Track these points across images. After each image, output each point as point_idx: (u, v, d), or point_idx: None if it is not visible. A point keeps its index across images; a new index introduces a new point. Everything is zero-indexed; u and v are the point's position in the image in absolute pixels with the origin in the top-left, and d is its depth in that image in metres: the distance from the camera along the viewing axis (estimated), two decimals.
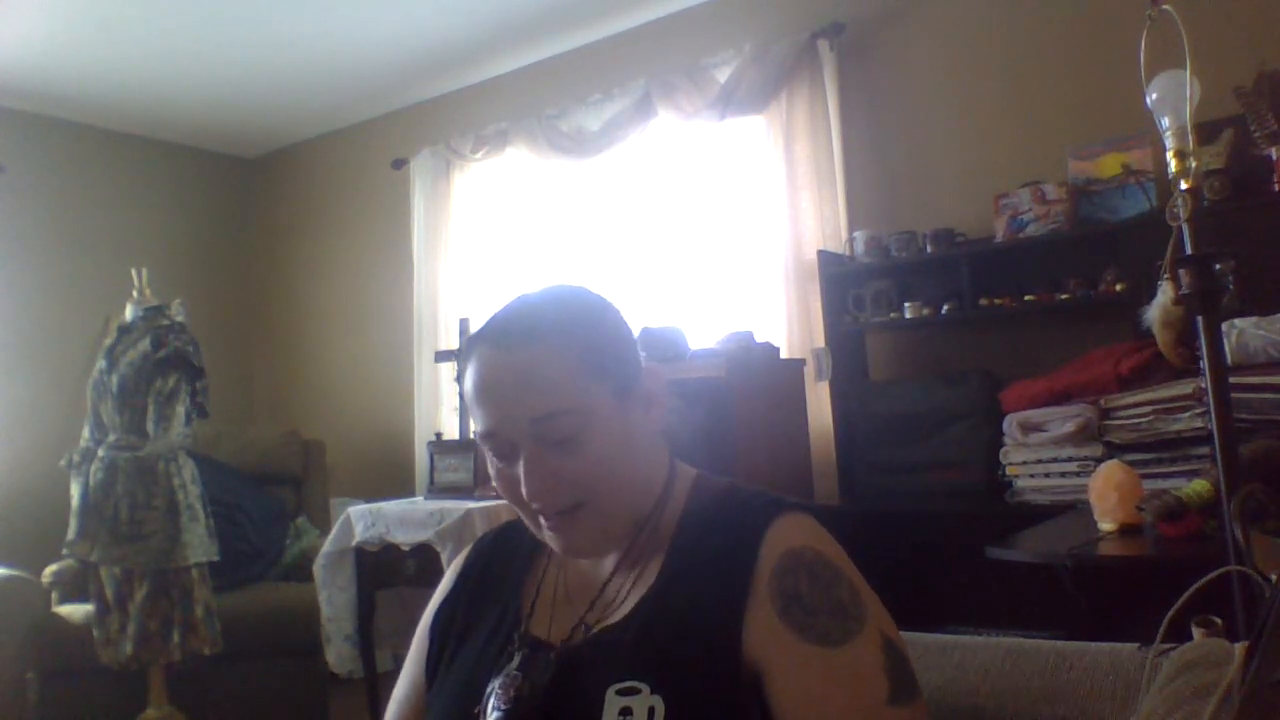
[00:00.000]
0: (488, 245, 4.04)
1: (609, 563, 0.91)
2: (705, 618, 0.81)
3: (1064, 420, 2.36)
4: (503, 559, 1.01)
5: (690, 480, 0.95)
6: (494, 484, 0.89)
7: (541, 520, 0.87)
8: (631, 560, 0.90)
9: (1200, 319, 1.26)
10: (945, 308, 2.73)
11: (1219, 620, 0.88)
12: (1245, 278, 1.30)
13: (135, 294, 3.15)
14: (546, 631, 0.90)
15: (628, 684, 0.78)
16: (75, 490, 2.96)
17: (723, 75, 3.35)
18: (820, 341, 2.96)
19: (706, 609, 0.81)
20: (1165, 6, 1.34)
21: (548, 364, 0.83)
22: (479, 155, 4.00)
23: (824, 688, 0.77)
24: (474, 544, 1.07)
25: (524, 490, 0.84)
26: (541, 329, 0.85)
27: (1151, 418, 2.23)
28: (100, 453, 2.92)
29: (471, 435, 0.81)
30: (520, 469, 0.84)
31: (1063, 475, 2.38)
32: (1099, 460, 2.22)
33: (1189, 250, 1.26)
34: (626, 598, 0.87)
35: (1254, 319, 2.02)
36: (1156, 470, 2.18)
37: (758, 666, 0.79)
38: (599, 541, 0.88)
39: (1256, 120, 2.25)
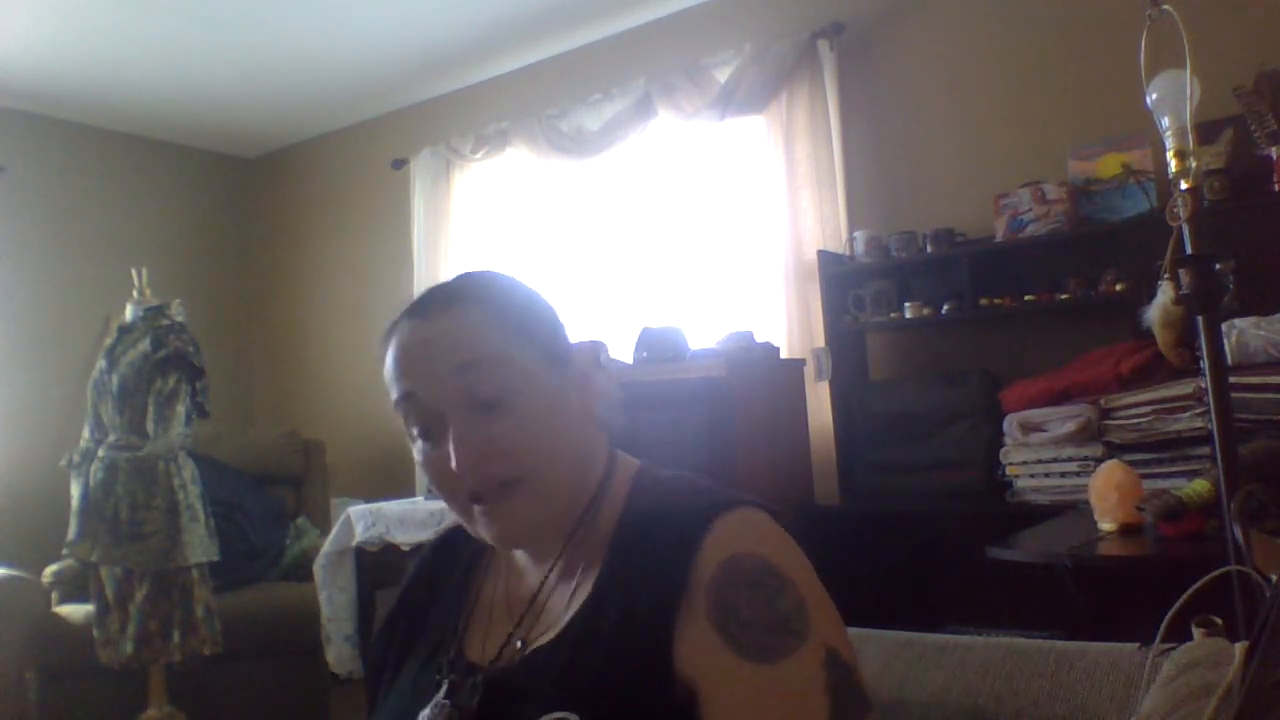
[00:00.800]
0: (488, 245, 4.04)
1: (543, 569, 0.85)
2: (637, 637, 0.74)
3: (1064, 420, 2.36)
4: (444, 570, 0.95)
5: (631, 474, 0.88)
6: (423, 471, 0.82)
7: (474, 508, 0.80)
8: (567, 566, 0.84)
9: (1200, 319, 1.26)
10: (945, 308, 2.73)
11: (1219, 620, 0.88)
12: (1245, 278, 1.30)
13: (135, 294, 3.15)
14: (480, 650, 0.85)
15: (557, 716, 0.73)
16: (75, 490, 2.97)
17: (723, 75, 3.35)
18: (820, 341, 2.96)
19: (639, 627, 0.75)
20: (1165, 6, 1.34)
21: (465, 323, 0.80)
22: (479, 155, 4.00)
23: (756, 708, 0.70)
24: (420, 554, 1.02)
25: (453, 463, 0.77)
26: (462, 296, 0.83)
27: (1151, 418, 2.23)
28: (100, 453, 2.92)
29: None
30: (449, 443, 0.78)
31: (1063, 475, 2.38)
32: (1099, 460, 2.22)
33: (1189, 250, 1.26)
34: (561, 611, 0.81)
35: (1254, 319, 2.02)
36: (1156, 470, 2.18)
37: (692, 686, 0.73)
38: (536, 527, 0.82)
39: (1256, 120, 2.25)
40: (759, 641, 0.72)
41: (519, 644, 0.82)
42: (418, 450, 0.82)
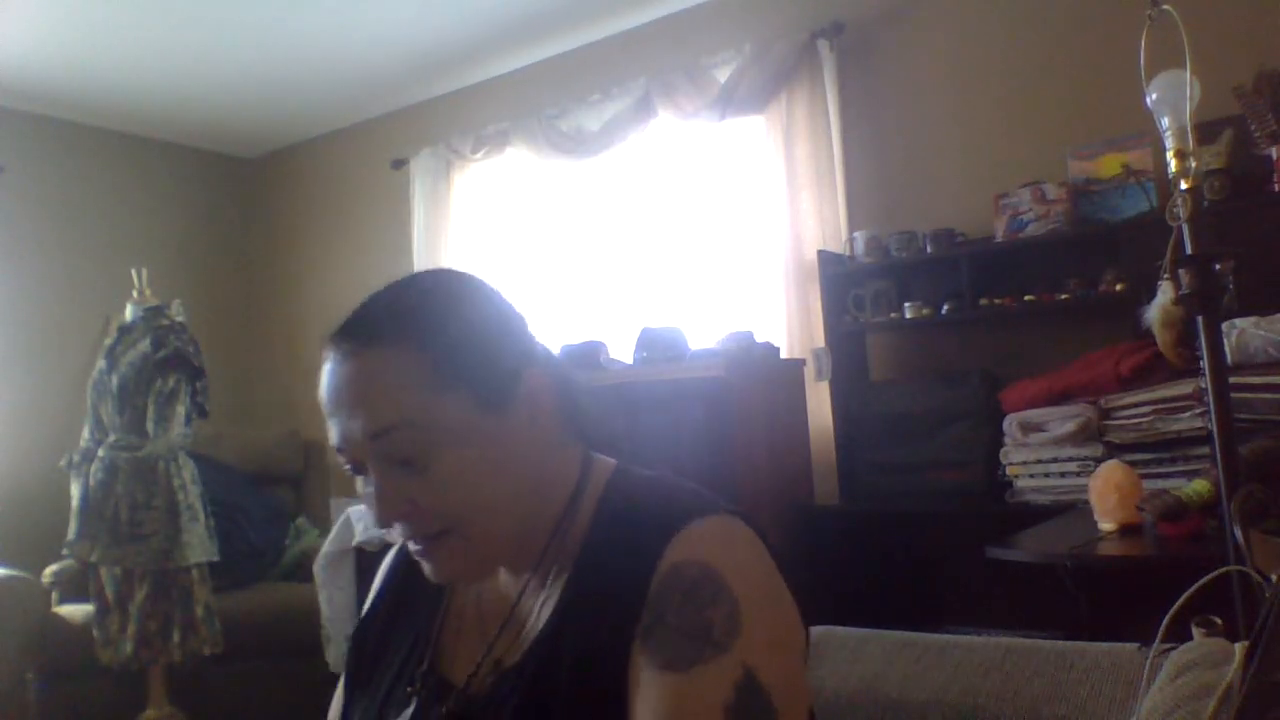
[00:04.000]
0: (488, 245, 4.04)
1: (519, 581, 0.81)
2: (598, 657, 0.71)
3: (1064, 420, 2.36)
4: (418, 570, 0.88)
5: (605, 479, 0.83)
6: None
7: (410, 545, 0.77)
8: (541, 577, 0.79)
9: (1200, 319, 1.26)
10: (945, 308, 2.73)
11: (1219, 620, 0.88)
12: (1245, 278, 1.30)
13: (135, 294, 3.15)
14: (451, 665, 0.82)
15: None
16: (75, 490, 2.97)
17: (723, 75, 3.35)
18: (820, 341, 2.96)
19: (600, 645, 0.71)
20: (1165, 6, 1.34)
21: (383, 372, 0.73)
22: (479, 155, 4.00)
23: (652, 715, 0.66)
24: (395, 550, 0.96)
25: (375, 518, 0.74)
26: (380, 331, 0.75)
27: (1151, 418, 2.23)
28: (100, 453, 2.92)
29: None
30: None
31: (1063, 475, 2.38)
32: (1099, 460, 2.22)
33: (1189, 250, 1.26)
34: (532, 625, 0.78)
35: (1254, 319, 2.02)
36: (1156, 470, 2.18)
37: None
38: (474, 568, 0.78)
39: (1256, 120, 2.25)
40: (675, 648, 0.67)
41: (493, 664, 0.78)
42: (358, 484, 0.78)
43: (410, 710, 0.79)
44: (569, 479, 0.82)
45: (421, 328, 0.75)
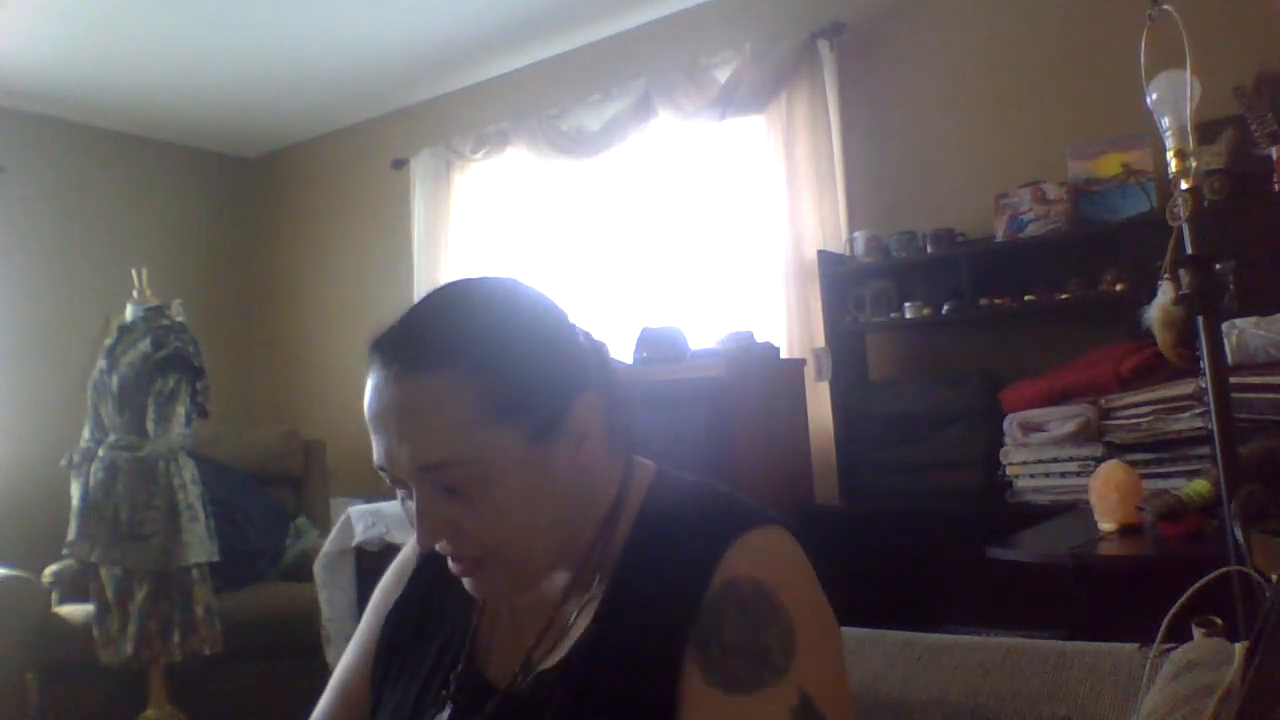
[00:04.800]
0: (488, 245, 4.04)
1: (561, 581, 0.80)
2: (645, 664, 0.70)
3: (1064, 420, 2.36)
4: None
5: (647, 483, 0.82)
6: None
7: (449, 563, 0.77)
8: (583, 582, 0.79)
9: (1200, 319, 1.26)
10: (945, 308, 2.73)
11: (1219, 620, 0.88)
12: (1245, 278, 1.30)
13: (135, 294, 3.15)
14: (489, 666, 0.81)
15: None
16: (75, 490, 2.96)
17: (723, 75, 3.35)
18: (820, 341, 2.96)
19: (649, 652, 0.70)
20: (1165, 6, 1.34)
21: (439, 404, 0.70)
22: (479, 155, 4.00)
23: None
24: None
25: (416, 538, 0.74)
26: (438, 354, 0.71)
27: (1151, 418, 2.23)
28: (100, 453, 2.91)
29: None
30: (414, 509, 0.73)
31: (1063, 475, 2.38)
32: (1099, 460, 2.22)
33: (1189, 250, 1.26)
34: (573, 629, 0.77)
35: (1254, 319, 2.02)
36: (1156, 470, 2.18)
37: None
38: (513, 588, 0.78)
39: (1256, 120, 2.25)
40: (732, 669, 0.67)
41: (530, 668, 0.78)
42: (399, 496, 0.77)
43: (447, 713, 0.78)
44: (611, 488, 0.81)
45: (473, 355, 0.71)
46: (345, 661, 0.93)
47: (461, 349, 0.71)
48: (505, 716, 0.76)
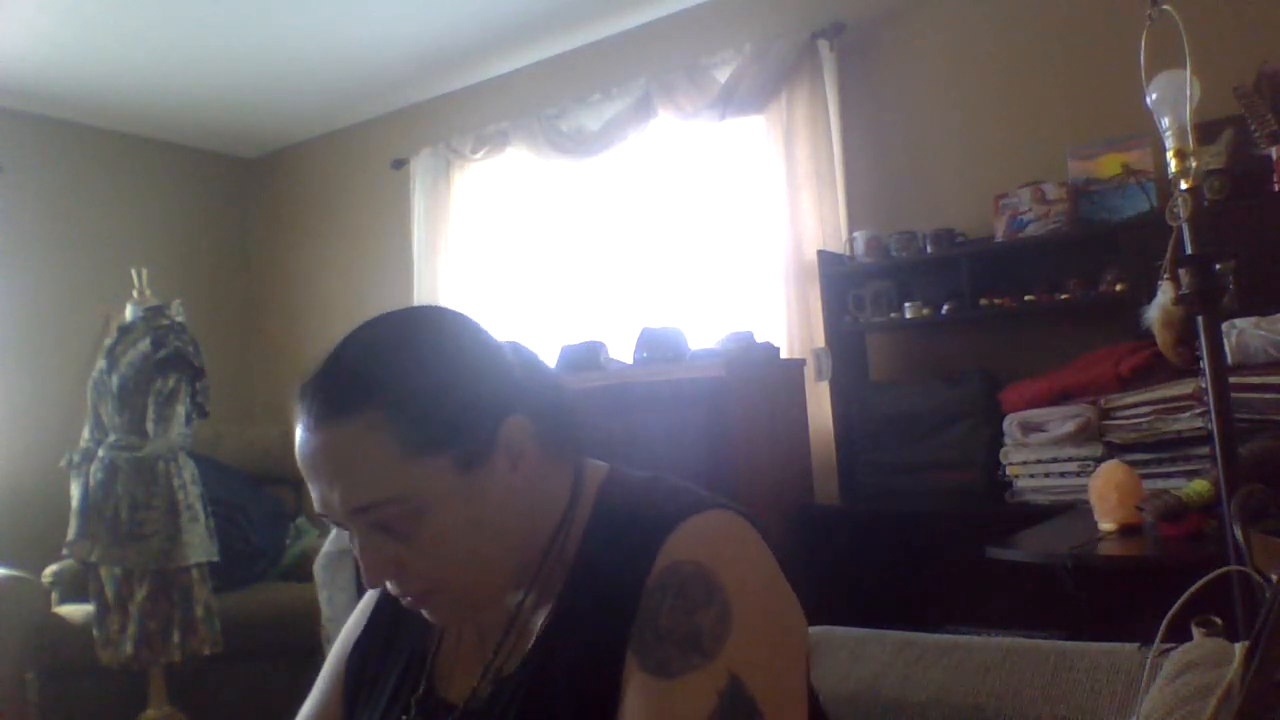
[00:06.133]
0: (488, 245, 4.04)
1: (516, 596, 0.80)
2: (594, 659, 0.70)
3: (1064, 420, 2.36)
4: None
5: (598, 485, 0.82)
6: None
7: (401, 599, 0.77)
8: (540, 590, 0.79)
9: (1200, 319, 1.26)
10: (945, 308, 2.73)
11: (1219, 620, 0.88)
12: (1245, 278, 1.30)
13: (135, 294, 3.15)
14: (452, 686, 0.81)
15: None
16: (75, 490, 2.97)
17: (723, 75, 3.35)
18: (820, 341, 2.96)
19: (598, 647, 0.71)
20: (1165, 6, 1.34)
21: (361, 447, 0.70)
22: (479, 155, 4.00)
23: None
24: None
25: (363, 577, 0.74)
26: (354, 397, 0.70)
27: (1151, 418, 2.23)
28: (100, 453, 2.92)
29: None
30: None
31: (1063, 475, 2.38)
32: (1099, 460, 2.22)
33: (1189, 250, 1.26)
34: (531, 635, 0.77)
35: (1254, 319, 2.02)
36: (1156, 470, 2.18)
37: None
38: (469, 612, 0.79)
39: (1256, 120, 2.25)
40: (663, 654, 0.67)
41: (493, 677, 0.78)
42: (349, 538, 0.77)
43: None
44: (561, 497, 0.80)
45: (390, 393, 0.71)
46: (306, 708, 0.93)
47: (378, 389, 0.71)
48: None
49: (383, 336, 0.76)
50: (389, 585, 0.75)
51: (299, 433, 0.73)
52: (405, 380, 0.72)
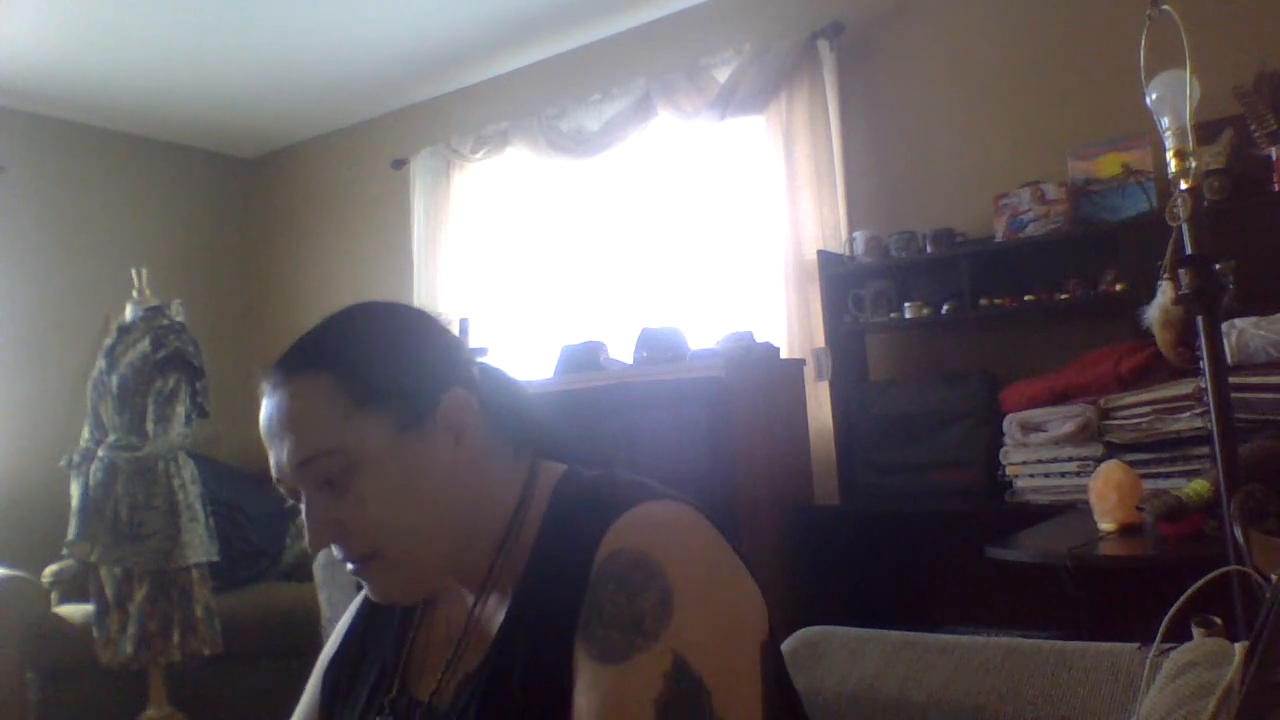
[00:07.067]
0: (488, 245, 4.04)
1: (475, 594, 0.82)
2: (547, 654, 0.71)
3: (1064, 420, 2.36)
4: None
5: (552, 485, 0.83)
6: None
7: (346, 566, 0.79)
8: (496, 588, 0.81)
9: (1200, 319, 1.26)
10: (945, 308, 2.73)
11: (1219, 620, 0.88)
12: (1245, 278, 1.30)
13: (135, 294, 3.15)
14: (420, 685, 0.83)
15: None
16: (75, 490, 2.97)
17: (723, 75, 3.35)
18: (820, 341, 2.96)
19: (550, 642, 0.72)
20: (1165, 6, 1.34)
21: (308, 401, 0.76)
22: (479, 155, 4.00)
23: (585, 711, 0.66)
24: None
25: (306, 540, 0.77)
26: (306, 358, 0.78)
27: (1151, 418, 2.23)
28: (100, 453, 2.92)
29: None
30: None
31: (1063, 475, 2.38)
32: (1099, 460, 2.22)
33: (1189, 250, 1.26)
34: (489, 633, 0.79)
35: (1254, 319, 2.02)
36: (1156, 470, 2.18)
37: None
38: (407, 590, 0.80)
39: (1256, 120, 2.25)
40: (608, 641, 0.68)
41: (454, 675, 0.80)
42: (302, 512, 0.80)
43: None
44: (512, 492, 0.82)
45: (338, 355, 0.78)
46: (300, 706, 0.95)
47: (329, 353, 0.79)
48: None
49: (339, 316, 0.84)
50: (334, 550, 0.77)
51: (262, 403, 0.79)
52: (355, 346, 0.80)
